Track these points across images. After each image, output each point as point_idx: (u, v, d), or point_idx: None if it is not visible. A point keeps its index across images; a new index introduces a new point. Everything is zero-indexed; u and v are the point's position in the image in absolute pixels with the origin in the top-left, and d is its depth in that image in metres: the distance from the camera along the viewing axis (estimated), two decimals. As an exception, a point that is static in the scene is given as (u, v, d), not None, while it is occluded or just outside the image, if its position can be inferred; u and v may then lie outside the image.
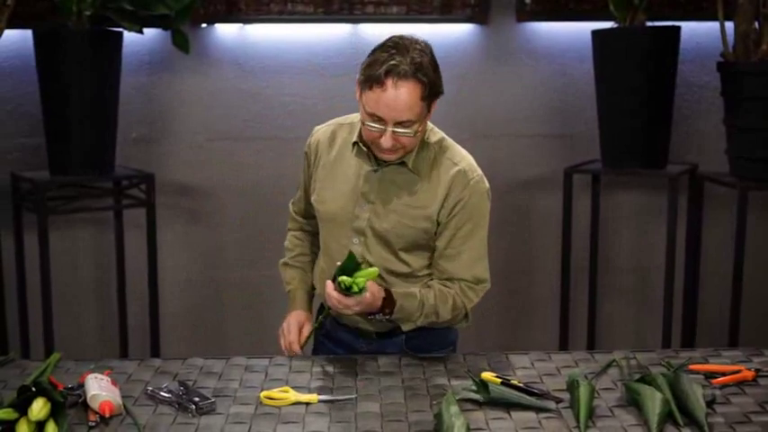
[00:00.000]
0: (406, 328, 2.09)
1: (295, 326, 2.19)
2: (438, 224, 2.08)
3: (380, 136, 1.97)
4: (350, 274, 1.94)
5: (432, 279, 2.13)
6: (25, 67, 3.38)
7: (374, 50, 1.99)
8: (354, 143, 2.09)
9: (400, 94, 1.93)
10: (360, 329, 2.17)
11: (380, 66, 1.93)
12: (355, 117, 2.14)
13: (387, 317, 2.04)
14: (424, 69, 1.96)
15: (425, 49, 2.00)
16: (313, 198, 2.18)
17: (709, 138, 3.55)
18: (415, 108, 1.96)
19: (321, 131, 2.20)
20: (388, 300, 2.02)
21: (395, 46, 1.96)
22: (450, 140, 2.16)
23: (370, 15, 3.53)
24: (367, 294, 1.95)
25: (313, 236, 2.30)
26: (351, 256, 1.96)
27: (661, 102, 3.35)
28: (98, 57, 3.20)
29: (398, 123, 1.96)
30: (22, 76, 3.42)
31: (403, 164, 2.06)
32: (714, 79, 3.42)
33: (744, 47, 3.24)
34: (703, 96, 3.62)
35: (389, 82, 1.92)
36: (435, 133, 2.14)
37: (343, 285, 1.93)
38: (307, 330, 2.20)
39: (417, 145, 2.05)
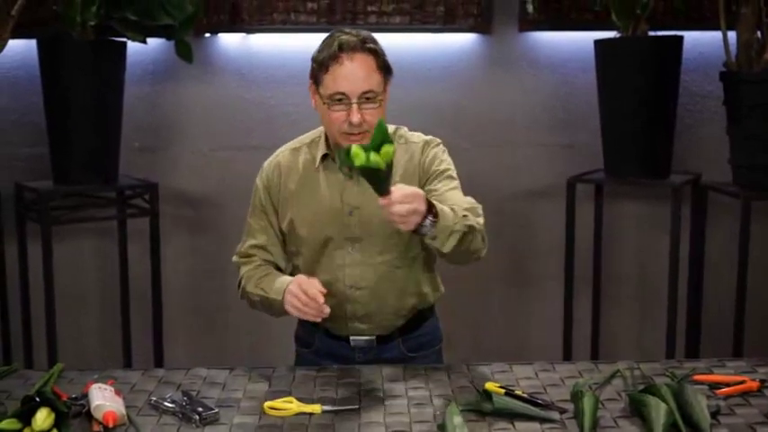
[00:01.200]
0: (448, 244, 1.94)
1: (306, 284, 1.97)
2: (423, 184, 2.10)
3: (348, 114, 2.00)
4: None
5: None
6: (29, 77, 3.39)
7: (323, 40, 2.08)
8: (324, 155, 2.13)
9: (357, 65, 2.01)
10: (354, 340, 2.17)
11: (332, 45, 2.02)
12: (302, 140, 2.20)
13: (434, 219, 1.89)
14: (373, 41, 2.06)
15: (370, 33, 2.10)
16: (286, 226, 2.17)
17: (712, 147, 3.54)
18: (374, 77, 2.02)
19: (273, 164, 2.20)
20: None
21: (341, 31, 2.07)
22: (402, 126, 2.22)
23: (372, 25, 3.54)
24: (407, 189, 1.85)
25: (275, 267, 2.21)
26: (381, 123, 1.80)
27: (664, 111, 3.35)
28: (102, 66, 3.21)
29: (362, 95, 2.00)
30: (27, 86, 3.43)
31: None
32: (717, 89, 3.42)
33: (746, 56, 3.25)
34: (706, 106, 3.63)
35: (344, 56, 2.00)
36: (389, 125, 2.11)
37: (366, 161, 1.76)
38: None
39: None
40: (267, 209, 2.19)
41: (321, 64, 2.03)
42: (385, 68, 2.07)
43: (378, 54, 2.05)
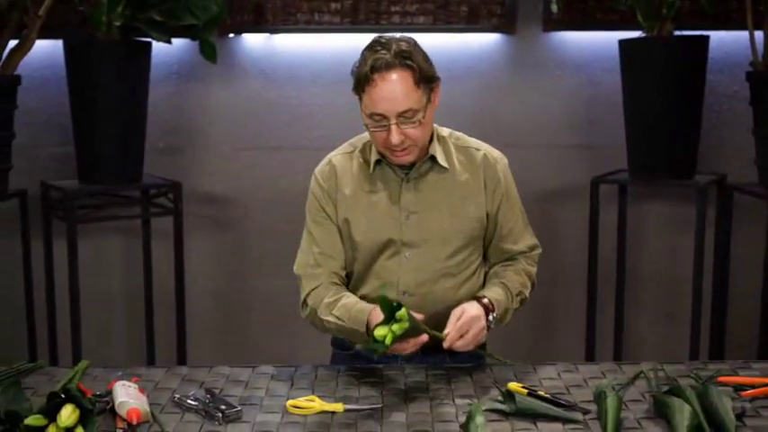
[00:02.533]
0: (506, 321, 2.11)
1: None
2: (489, 212, 2.13)
3: (388, 135, 1.97)
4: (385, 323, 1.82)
5: (488, 268, 2.20)
6: (56, 78, 3.43)
7: (362, 53, 2.01)
8: (377, 161, 2.09)
9: (391, 85, 1.94)
10: None
11: (365, 65, 1.96)
12: (354, 143, 2.16)
13: (496, 317, 2.04)
14: (410, 55, 1.97)
15: (410, 40, 2.02)
16: (343, 231, 2.12)
17: (737, 148, 3.52)
18: (412, 95, 1.96)
19: (326, 169, 2.14)
20: (480, 304, 2.01)
21: (378, 42, 2.00)
22: (455, 131, 2.19)
23: (396, 25, 3.54)
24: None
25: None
26: (383, 299, 1.81)
27: (689, 111, 3.33)
28: (127, 67, 3.24)
29: (400, 115, 1.96)
30: (53, 87, 3.46)
31: (432, 162, 2.08)
32: (743, 89, 3.39)
33: (773, 56, 3.22)
34: (732, 106, 3.60)
35: (377, 76, 1.94)
36: (442, 129, 2.17)
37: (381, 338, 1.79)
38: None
39: (428, 137, 2.06)
40: (330, 214, 2.12)
41: (357, 82, 1.99)
42: (426, 80, 2.00)
43: (415, 69, 1.97)
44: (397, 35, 2.03)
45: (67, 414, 1.62)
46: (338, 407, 1.80)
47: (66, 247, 3.21)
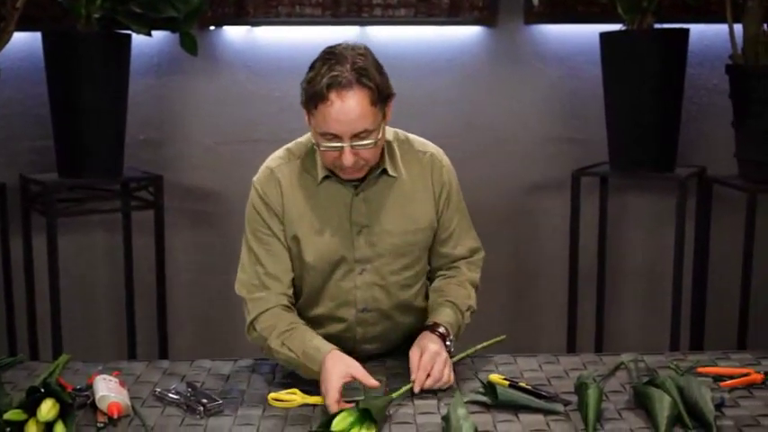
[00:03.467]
0: (459, 336, 2.05)
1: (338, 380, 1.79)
2: (436, 217, 2.06)
3: (340, 155, 1.85)
4: None
5: (432, 282, 2.13)
6: (34, 70, 3.40)
7: (312, 65, 1.89)
8: (325, 177, 1.97)
9: (348, 105, 1.81)
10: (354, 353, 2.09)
11: (320, 81, 1.82)
12: (293, 152, 2.02)
13: (452, 342, 1.99)
14: (368, 73, 1.84)
15: (365, 53, 1.89)
16: (292, 249, 2.00)
17: (717, 140, 3.54)
18: (368, 116, 1.84)
19: (269, 181, 2.00)
20: (436, 334, 1.96)
21: (332, 56, 1.86)
22: (398, 130, 2.09)
23: (377, 18, 3.54)
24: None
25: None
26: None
27: (669, 104, 3.34)
28: (107, 59, 3.21)
29: (355, 136, 1.84)
30: (31, 79, 3.43)
31: (382, 174, 1.99)
32: (723, 82, 3.41)
33: (753, 49, 3.23)
34: (712, 99, 3.62)
35: (333, 95, 1.81)
36: (387, 132, 2.01)
37: None
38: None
39: (378, 156, 1.94)
40: (276, 231, 1.99)
41: (310, 98, 1.84)
42: (381, 99, 1.87)
43: (373, 89, 1.84)
44: (351, 43, 1.90)
45: (47, 408, 1.61)
46: (320, 400, 1.80)
47: (45, 240, 3.18)
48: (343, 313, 2.03)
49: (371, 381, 1.79)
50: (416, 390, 1.85)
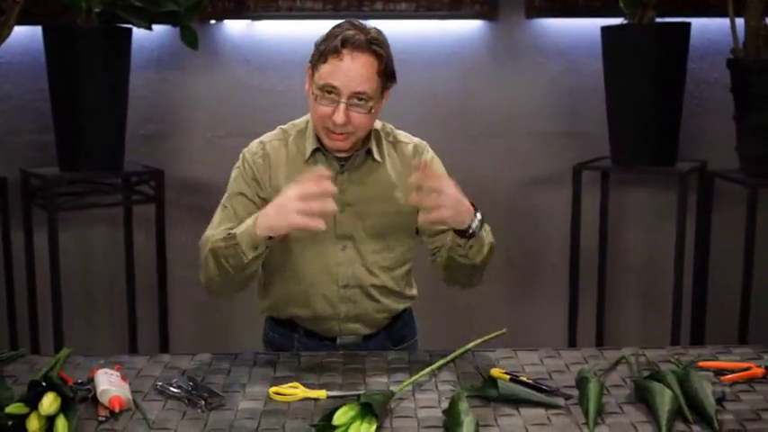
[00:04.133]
0: (480, 254, 2.00)
1: (294, 191, 1.82)
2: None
3: (333, 111, 1.92)
4: None
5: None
6: (35, 64, 3.40)
7: (331, 29, 1.98)
8: (315, 150, 2.04)
9: (357, 63, 1.92)
10: (340, 337, 2.14)
11: (336, 38, 1.92)
12: (288, 129, 2.10)
13: (480, 218, 1.95)
14: (381, 44, 1.95)
15: (380, 31, 2.00)
16: None
17: (718, 135, 3.53)
18: (372, 81, 1.93)
19: (259, 153, 2.07)
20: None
21: (350, 24, 1.97)
22: (387, 124, 2.15)
23: (378, 12, 3.53)
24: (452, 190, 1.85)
25: None
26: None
27: (671, 99, 3.34)
28: (107, 53, 3.21)
29: (354, 95, 1.92)
30: (32, 73, 3.43)
31: (366, 156, 2.05)
32: (724, 76, 3.41)
33: (754, 44, 3.23)
34: (713, 93, 3.61)
35: (346, 51, 1.91)
36: (376, 122, 2.11)
37: None
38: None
39: (368, 129, 2.01)
40: (250, 195, 2.06)
41: (321, 53, 1.94)
42: (386, 74, 1.97)
43: (382, 58, 1.94)
44: (370, 24, 2.02)
45: (49, 402, 1.61)
46: (321, 394, 1.80)
47: (46, 235, 3.19)
48: (326, 289, 2.08)
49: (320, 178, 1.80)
50: (412, 199, 1.87)
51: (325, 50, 1.93)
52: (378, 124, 2.11)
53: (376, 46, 1.94)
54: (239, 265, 1.94)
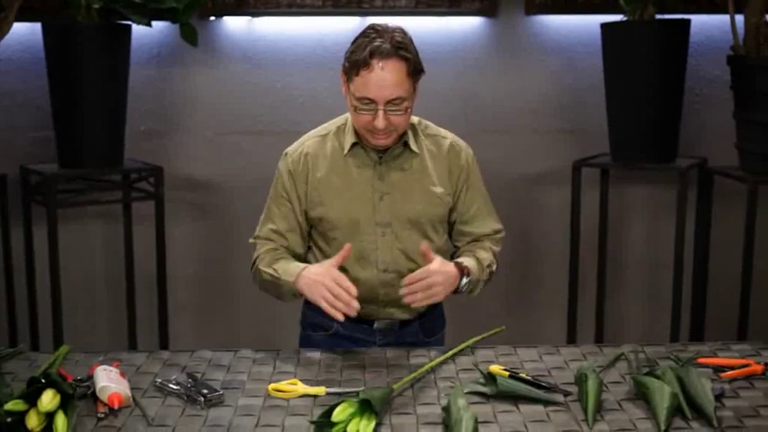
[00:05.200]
0: (476, 292, 2.19)
1: (340, 277, 1.98)
2: (452, 196, 2.21)
3: (373, 119, 2.03)
4: None
5: (454, 252, 2.27)
6: (34, 60, 3.39)
7: (355, 39, 2.07)
8: (354, 144, 2.15)
9: (387, 73, 2.01)
10: (378, 321, 2.21)
11: (364, 49, 2.01)
12: (328, 127, 2.21)
13: (468, 278, 2.11)
14: (406, 46, 2.05)
15: (403, 31, 2.09)
16: (317, 212, 2.17)
17: (718, 132, 3.53)
18: (404, 84, 2.03)
19: (299, 152, 2.19)
20: (456, 266, 2.10)
21: (374, 30, 2.05)
22: (422, 119, 2.26)
23: (378, 8, 3.53)
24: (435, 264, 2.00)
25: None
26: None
27: (670, 95, 3.34)
28: (107, 50, 3.21)
29: (389, 102, 2.02)
30: (32, 69, 3.43)
31: (404, 147, 2.16)
32: (724, 73, 3.40)
33: (754, 40, 3.22)
34: (713, 90, 3.61)
35: (375, 62, 2.00)
36: (412, 116, 2.21)
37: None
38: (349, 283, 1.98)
39: (407, 125, 2.12)
40: (291, 196, 2.19)
41: (353, 65, 2.03)
42: (415, 71, 2.07)
43: (410, 60, 2.04)
44: (390, 25, 2.08)
45: (48, 399, 1.61)
46: (320, 390, 1.80)
47: (46, 231, 3.18)
48: (366, 273, 2.15)
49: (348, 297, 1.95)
50: (405, 300, 2.01)
51: (355, 63, 2.03)
52: (414, 119, 2.22)
53: (403, 50, 2.03)
54: (281, 297, 2.17)
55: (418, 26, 3.57)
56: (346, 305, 1.94)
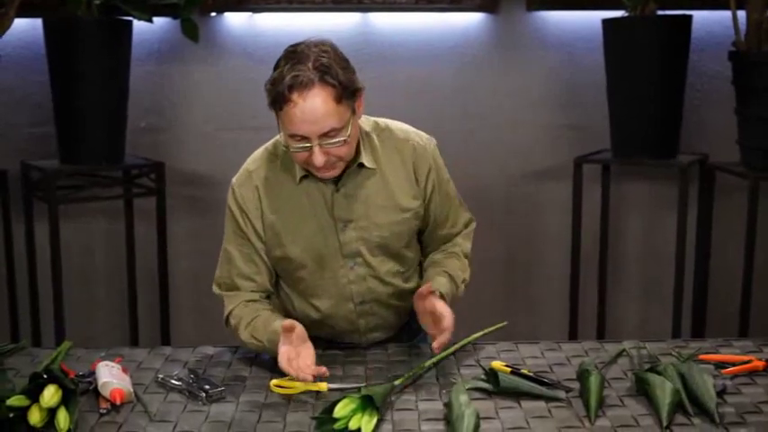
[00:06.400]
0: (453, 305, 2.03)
1: (296, 358, 1.81)
2: (422, 203, 2.04)
3: (310, 155, 1.83)
4: None
5: (429, 254, 2.13)
6: (35, 57, 3.39)
7: (276, 65, 1.87)
8: (304, 176, 1.95)
9: (311, 105, 1.78)
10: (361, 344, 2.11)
11: (282, 81, 1.80)
12: (273, 150, 2.02)
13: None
14: (330, 71, 1.80)
15: (329, 49, 1.85)
16: (277, 252, 1.99)
17: (720, 128, 3.53)
18: (334, 114, 1.80)
19: (247, 186, 2.00)
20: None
21: (293, 55, 1.83)
22: (379, 119, 2.05)
23: (379, 5, 3.52)
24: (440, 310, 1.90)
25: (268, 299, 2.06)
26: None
27: (672, 91, 3.33)
28: (108, 46, 3.20)
29: (323, 135, 1.81)
30: (32, 66, 3.43)
31: (360, 167, 1.96)
32: (726, 69, 3.40)
33: (756, 36, 3.22)
34: (714, 86, 3.60)
35: (295, 95, 1.78)
36: (366, 122, 2.02)
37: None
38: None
39: (353, 150, 1.92)
40: (249, 234, 2.00)
41: (274, 100, 1.82)
42: (348, 96, 1.83)
43: (336, 86, 1.80)
44: (314, 40, 1.87)
45: (50, 394, 1.61)
46: (322, 386, 1.80)
47: (47, 227, 3.18)
48: (343, 308, 2.03)
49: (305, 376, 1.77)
50: (436, 346, 1.89)
51: (276, 98, 1.82)
52: (368, 124, 2.02)
53: (326, 76, 1.80)
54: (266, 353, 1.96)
55: (419, 22, 3.60)
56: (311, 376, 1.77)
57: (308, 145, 1.83)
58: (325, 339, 2.09)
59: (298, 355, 1.81)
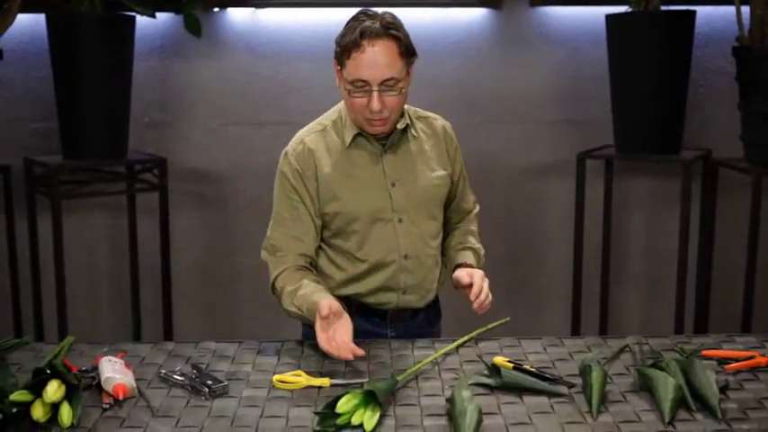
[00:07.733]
0: None
1: (334, 332, 1.93)
2: (450, 176, 2.23)
3: (368, 101, 2.02)
4: None
5: (450, 228, 2.32)
6: (38, 52, 3.39)
7: (346, 24, 2.07)
8: (356, 135, 2.11)
9: (379, 52, 2.00)
10: (390, 313, 2.19)
11: (354, 31, 2.01)
12: (322, 122, 2.18)
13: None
14: (396, 26, 2.04)
15: (393, 15, 2.08)
16: (332, 207, 2.12)
17: (723, 123, 3.52)
18: (396, 64, 2.02)
19: (301, 149, 2.13)
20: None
21: (363, 14, 2.06)
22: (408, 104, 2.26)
23: (382, 0, 3.52)
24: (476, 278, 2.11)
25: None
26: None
27: (675, 87, 3.33)
28: (111, 41, 3.21)
29: (383, 83, 2.00)
30: (36, 61, 3.43)
31: (402, 132, 2.15)
32: (729, 64, 3.39)
33: (760, 31, 3.21)
34: (718, 81, 3.60)
35: (365, 42, 1.99)
36: None
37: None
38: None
39: (402, 108, 2.12)
40: (302, 195, 2.12)
41: (344, 49, 2.02)
42: (407, 53, 2.05)
43: (400, 39, 2.03)
44: (380, 10, 2.07)
45: (53, 389, 1.62)
46: (325, 382, 1.81)
47: (50, 223, 3.19)
48: (390, 259, 2.15)
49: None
50: (477, 311, 2.08)
51: (346, 46, 2.01)
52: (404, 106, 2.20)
53: (393, 30, 2.02)
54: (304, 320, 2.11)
55: (422, 18, 3.59)
56: (348, 353, 1.87)
57: (368, 90, 2.01)
58: (359, 301, 2.17)
59: (335, 332, 1.92)
